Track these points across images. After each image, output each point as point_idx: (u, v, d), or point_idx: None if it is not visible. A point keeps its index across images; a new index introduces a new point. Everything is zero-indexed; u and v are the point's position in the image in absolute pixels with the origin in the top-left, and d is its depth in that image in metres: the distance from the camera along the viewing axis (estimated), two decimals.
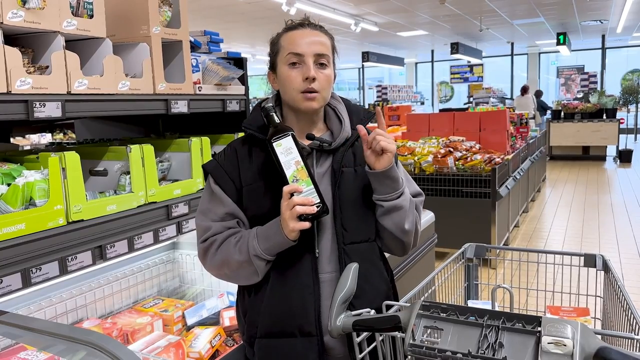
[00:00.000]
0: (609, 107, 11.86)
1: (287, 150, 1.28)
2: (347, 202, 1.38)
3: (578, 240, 5.72)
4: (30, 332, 1.23)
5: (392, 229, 1.40)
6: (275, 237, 1.30)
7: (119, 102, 1.79)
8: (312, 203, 1.26)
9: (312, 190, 1.28)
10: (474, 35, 14.99)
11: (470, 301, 1.76)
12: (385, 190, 1.36)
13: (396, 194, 1.37)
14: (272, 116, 1.33)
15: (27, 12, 1.48)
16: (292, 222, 1.26)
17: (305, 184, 1.28)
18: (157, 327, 1.98)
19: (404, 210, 1.38)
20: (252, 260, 1.32)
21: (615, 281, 1.42)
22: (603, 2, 10.89)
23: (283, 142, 1.28)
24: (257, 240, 1.32)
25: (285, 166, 1.28)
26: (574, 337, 0.87)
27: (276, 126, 1.31)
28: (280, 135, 1.29)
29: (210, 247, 1.38)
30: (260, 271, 1.35)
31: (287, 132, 1.29)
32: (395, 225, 1.39)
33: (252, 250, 1.32)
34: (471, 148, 5.54)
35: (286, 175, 1.28)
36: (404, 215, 1.39)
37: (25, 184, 1.51)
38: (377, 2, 10.12)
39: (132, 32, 1.94)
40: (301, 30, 1.37)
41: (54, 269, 1.53)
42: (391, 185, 1.35)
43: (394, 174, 1.34)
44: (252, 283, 1.40)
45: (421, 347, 0.95)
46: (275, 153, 1.28)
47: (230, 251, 1.35)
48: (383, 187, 1.36)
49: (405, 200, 1.39)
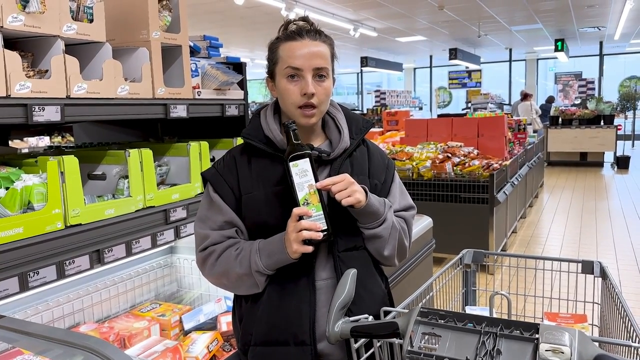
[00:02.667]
0: (607, 114, 11.90)
1: (303, 172, 1.27)
2: (343, 210, 1.38)
3: (575, 246, 5.73)
4: (27, 336, 1.23)
5: (373, 253, 1.45)
6: (277, 255, 1.31)
7: (118, 107, 1.79)
8: (319, 229, 1.26)
9: (321, 216, 1.27)
10: (473, 41, 15.04)
11: (468, 307, 1.76)
12: (365, 220, 1.38)
13: (377, 223, 1.39)
14: (294, 133, 1.31)
15: (27, 16, 1.48)
16: (296, 245, 1.26)
17: (316, 209, 1.27)
18: (154, 332, 1.98)
19: (383, 239, 1.41)
20: (253, 275, 1.33)
21: (613, 288, 1.42)
22: (601, 9, 10.94)
23: (300, 163, 1.27)
24: (259, 256, 1.32)
25: (299, 188, 1.27)
26: (572, 345, 0.87)
27: (295, 145, 1.29)
28: (298, 155, 1.28)
29: (209, 257, 1.38)
30: (260, 284, 1.36)
31: (305, 153, 1.28)
32: (375, 250, 1.44)
33: (254, 265, 1.32)
34: (469, 154, 5.55)
35: (298, 197, 1.27)
36: (384, 243, 1.42)
37: (24, 187, 1.51)
38: (376, 7, 10.15)
39: (132, 36, 1.94)
40: (300, 41, 1.34)
41: (51, 273, 1.52)
42: (371, 216, 1.37)
43: (370, 209, 1.35)
44: (251, 294, 1.40)
45: (419, 353, 0.95)
46: (290, 173, 1.27)
47: (231, 264, 1.35)
48: (362, 218, 1.38)
49: (386, 229, 1.40)
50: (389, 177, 1.51)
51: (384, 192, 1.48)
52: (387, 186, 1.50)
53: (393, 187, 1.51)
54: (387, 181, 1.50)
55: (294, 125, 1.31)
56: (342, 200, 1.28)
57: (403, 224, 1.48)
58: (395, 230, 1.44)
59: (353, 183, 1.31)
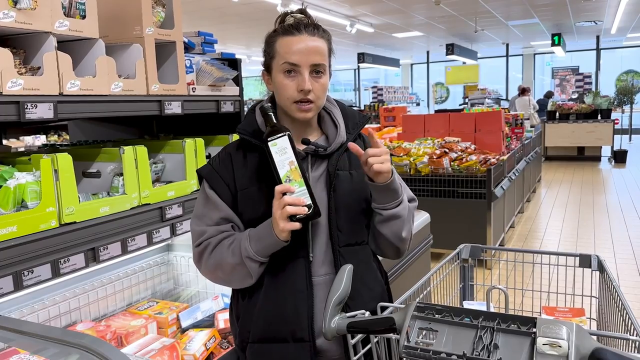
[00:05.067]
0: (604, 108, 11.91)
1: (282, 150, 1.27)
2: (342, 205, 1.38)
3: (573, 240, 5.74)
4: (23, 336, 1.22)
5: (390, 236, 1.41)
6: (266, 238, 1.29)
7: (112, 104, 1.78)
8: (303, 203, 1.25)
9: (305, 191, 1.27)
10: (469, 37, 15.02)
11: (466, 302, 1.75)
12: (384, 200, 1.36)
13: (395, 203, 1.37)
14: (269, 116, 1.32)
15: (18, 12, 1.46)
16: (282, 222, 1.25)
17: (298, 184, 1.27)
18: (152, 330, 1.97)
19: (402, 219, 1.39)
20: (244, 262, 1.31)
21: (610, 281, 1.42)
22: (597, 3, 10.93)
23: (279, 141, 1.27)
24: (249, 242, 1.31)
25: (279, 166, 1.27)
26: (569, 338, 0.86)
27: (273, 126, 1.30)
28: (277, 136, 1.28)
29: (204, 250, 1.37)
30: (253, 273, 1.34)
31: (284, 132, 1.28)
32: (393, 233, 1.40)
33: (244, 252, 1.31)
34: (466, 149, 5.54)
35: (279, 174, 1.27)
36: (402, 223, 1.40)
37: (17, 185, 1.50)
38: (372, 3, 10.13)
39: (125, 32, 1.93)
40: (298, 36, 1.33)
41: (46, 272, 1.51)
42: (391, 195, 1.36)
43: (394, 186, 1.34)
44: (246, 286, 1.38)
45: (416, 349, 0.94)
46: (270, 152, 1.27)
47: (224, 254, 1.34)
48: (382, 197, 1.36)
49: (404, 209, 1.40)
50: None
51: None
52: None
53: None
54: None
55: (270, 107, 1.33)
56: (375, 165, 1.27)
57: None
58: (411, 212, 1.43)
59: (388, 152, 1.30)
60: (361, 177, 1.41)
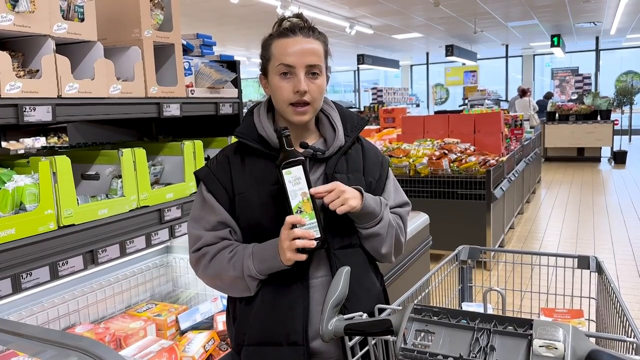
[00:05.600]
0: (603, 109, 11.91)
1: (296, 180, 1.26)
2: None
3: (573, 241, 5.73)
4: (21, 338, 1.21)
5: (370, 251, 1.44)
6: (270, 262, 1.30)
7: (111, 106, 1.78)
8: (312, 237, 1.25)
9: (315, 224, 1.26)
10: (469, 38, 15.03)
11: (465, 303, 1.75)
12: (362, 221, 1.38)
13: (373, 223, 1.39)
14: (284, 140, 1.28)
15: (16, 15, 1.47)
16: (289, 253, 1.25)
17: (309, 217, 1.26)
18: (151, 332, 1.97)
19: (380, 237, 1.41)
20: (245, 279, 1.32)
21: (609, 283, 1.42)
22: (597, 4, 10.94)
23: (293, 170, 1.26)
24: (252, 261, 1.31)
25: (292, 195, 1.25)
26: (566, 340, 0.86)
27: (287, 152, 1.27)
28: (291, 162, 1.26)
29: (202, 258, 1.37)
30: (252, 288, 1.35)
31: (298, 160, 1.26)
32: (373, 249, 1.43)
33: (246, 270, 1.31)
34: (466, 150, 5.54)
35: (291, 205, 1.25)
36: (382, 241, 1.42)
37: (15, 188, 1.50)
38: (371, 4, 10.14)
39: (124, 35, 1.93)
40: (293, 38, 1.33)
41: (44, 274, 1.52)
42: (367, 217, 1.37)
43: (366, 210, 1.35)
44: (244, 296, 1.39)
45: (413, 350, 0.94)
46: (283, 180, 1.25)
47: (224, 266, 1.34)
48: (359, 219, 1.37)
49: (383, 228, 1.40)
50: (383, 174, 1.50)
51: (378, 189, 1.48)
52: (381, 183, 1.49)
53: (388, 184, 1.51)
54: (381, 178, 1.50)
55: (287, 132, 1.29)
56: (336, 209, 1.28)
57: (399, 221, 1.48)
58: (392, 228, 1.43)
59: (344, 191, 1.29)
60: (358, 182, 1.41)
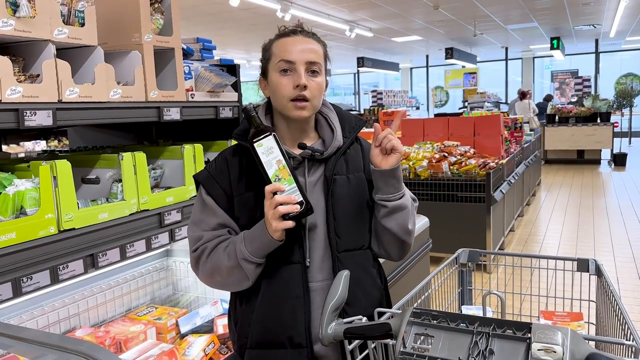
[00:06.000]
0: (603, 111, 11.92)
1: (269, 150, 1.27)
2: (341, 210, 1.38)
3: (573, 244, 5.73)
4: (21, 342, 1.22)
5: (396, 229, 1.40)
6: (260, 238, 1.29)
7: (111, 110, 1.79)
8: (294, 201, 1.25)
9: (295, 189, 1.27)
10: (469, 41, 15.06)
11: (465, 307, 1.75)
12: (389, 190, 1.36)
13: (399, 194, 1.38)
14: (252, 117, 1.32)
15: (17, 21, 1.47)
16: (275, 222, 1.25)
17: (288, 182, 1.27)
18: (151, 336, 1.97)
19: (407, 210, 1.39)
20: (241, 265, 1.31)
21: (608, 285, 1.42)
22: (596, 7, 10.96)
23: (264, 142, 1.27)
24: (244, 244, 1.31)
25: (267, 166, 1.27)
26: (564, 344, 0.87)
27: (257, 126, 1.30)
28: (262, 136, 1.28)
29: (201, 255, 1.38)
30: (250, 275, 1.33)
31: (268, 132, 1.28)
32: (399, 225, 1.39)
33: (239, 254, 1.31)
34: (466, 153, 5.55)
35: (268, 174, 1.27)
36: (407, 215, 1.40)
37: (16, 192, 1.50)
38: (371, 8, 10.16)
39: (124, 40, 1.94)
40: (293, 37, 1.36)
41: (45, 278, 1.52)
42: (395, 185, 1.36)
43: (399, 173, 1.36)
44: (244, 288, 1.38)
45: (412, 354, 0.95)
46: (256, 153, 1.27)
47: (220, 257, 1.34)
48: (387, 186, 1.36)
49: (408, 201, 1.41)
50: None
51: None
52: None
53: None
54: None
55: (252, 108, 1.33)
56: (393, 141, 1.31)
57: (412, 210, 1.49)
58: (413, 205, 1.45)
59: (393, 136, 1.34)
60: (359, 181, 1.41)
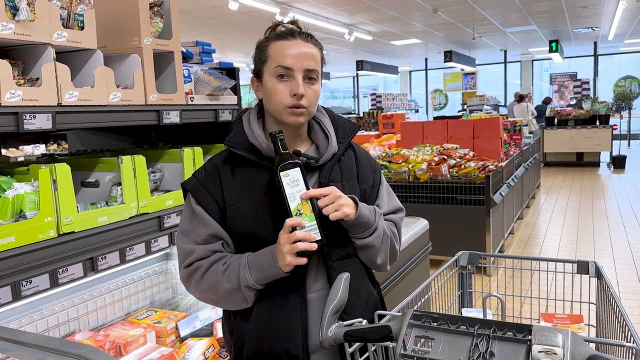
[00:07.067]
0: (602, 114, 11.94)
1: (294, 182, 1.24)
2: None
3: (573, 246, 5.73)
4: (21, 346, 1.22)
5: (366, 261, 1.42)
6: (269, 269, 1.26)
7: (111, 114, 1.79)
8: (313, 239, 1.22)
9: (315, 226, 1.24)
10: (467, 44, 15.09)
11: (465, 309, 1.75)
12: (356, 231, 1.35)
13: (368, 233, 1.35)
14: (279, 143, 1.27)
15: (17, 24, 1.48)
16: (289, 257, 1.22)
17: (309, 219, 1.24)
18: (150, 339, 1.97)
19: (375, 248, 1.38)
20: (242, 290, 1.28)
21: (608, 288, 1.42)
22: (594, 10, 10.99)
23: (291, 172, 1.24)
24: (248, 271, 1.27)
25: (290, 198, 1.23)
26: (565, 346, 0.87)
27: (282, 155, 1.26)
28: (289, 165, 1.24)
29: (194, 273, 1.32)
30: (249, 299, 1.31)
31: (296, 163, 1.25)
32: (368, 259, 1.41)
33: (243, 281, 1.27)
34: (465, 155, 5.55)
35: (290, 207, 1.23)
36: (376, 252, 1.39)
37: (15, 196, 1.50)
38: (370, 11, 10.18)
39: (124, 43, 1.94)
40: (291, 40, 1.31)
41: (44, 282, 1.51)
42: (362, 227, 1.34)
43: (361, 220, 1.32)
44: (240, 309, 1.35)
45: (412, 357, 0.94)
46: (281, 183, 1.23)
47: (219, 279, 1.29)
48: (353, 229, 1.34)
49: (378, 238, 1.38)
50: (376, 179, 1.49)
51: (372, 196, 1.45)
52: (375, 189, 1.47)
53: (381, 190, 1.49)
54: (375, 184, 1.47)
55: (281, 135, 1.27)
56: (330, 215, 1.25)
57: (393, 228, 1.46)
58: (387, 238, 1.41)
59: (340, 197, 1.26)
60: (353, 189, 1.39)
